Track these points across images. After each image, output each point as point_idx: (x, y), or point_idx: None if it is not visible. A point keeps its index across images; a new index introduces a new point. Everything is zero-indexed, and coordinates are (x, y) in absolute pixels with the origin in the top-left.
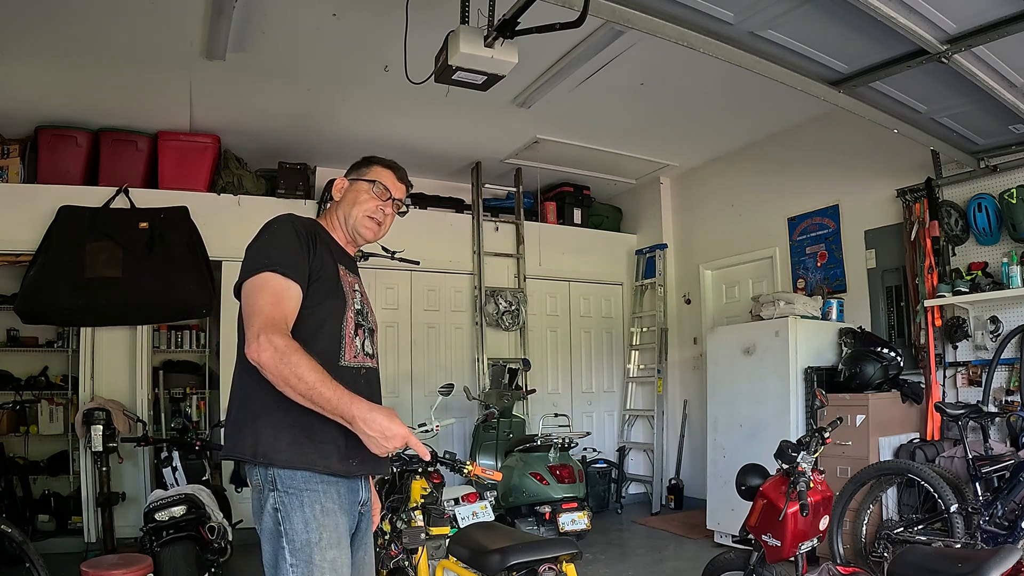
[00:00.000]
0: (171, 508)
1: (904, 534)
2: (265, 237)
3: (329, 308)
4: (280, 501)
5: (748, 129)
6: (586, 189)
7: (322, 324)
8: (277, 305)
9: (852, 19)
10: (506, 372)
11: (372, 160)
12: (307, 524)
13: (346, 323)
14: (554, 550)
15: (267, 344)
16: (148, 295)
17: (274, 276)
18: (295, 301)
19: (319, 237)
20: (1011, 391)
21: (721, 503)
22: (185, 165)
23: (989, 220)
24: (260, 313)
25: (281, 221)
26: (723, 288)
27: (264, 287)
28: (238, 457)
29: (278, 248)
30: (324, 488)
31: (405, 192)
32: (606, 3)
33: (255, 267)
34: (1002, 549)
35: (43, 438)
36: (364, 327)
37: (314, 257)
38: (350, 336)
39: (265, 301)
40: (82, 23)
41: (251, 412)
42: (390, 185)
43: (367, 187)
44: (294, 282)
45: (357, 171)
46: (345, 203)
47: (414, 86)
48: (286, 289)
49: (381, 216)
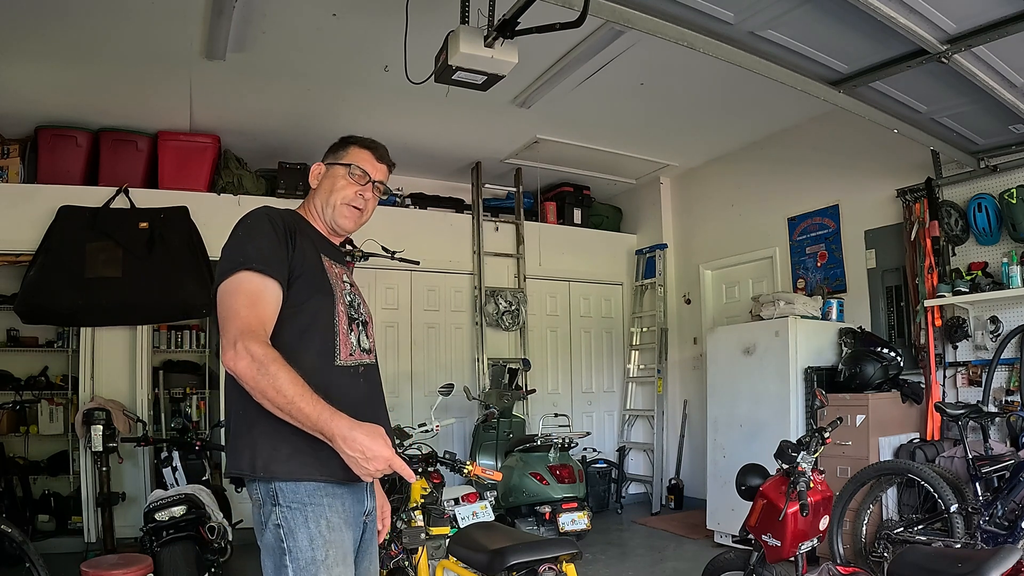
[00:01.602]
0: (171, 508)
1: (904, 534)
2: (239, 234)
3: (318, 304)
4: (283, 517)
5: (748, 129)
6: (586, 189)
7: (312, 322)
8: (253, 308)
9: (852, 19)
10: (506, 372)
11: (349, 141)
12: (312, 541)
13: (338, 318)
14: (554, 550)
15: (244, 352)
16: (148, 295)
17: (249, 275)
18: (274, 301)
19: (299, 228)
20: (1011, 391)
21: (721, 503)
22: (185, 165)
23: (989, 220)
24: (235, 318)
25: (256, 215)
26: (723, 288)
27: (239, 288)
28: (237, 474)
29: (253, 244)
30: (329, 502)
31: (387, 173)
32: (606, 3)
33: (230, 267)
34: (1002, 549)
35: (43, 438)
36: (357, 320)
37: (295, 250)
38: (344, 332)
39: (240, 304)
40: (82, 23)
41: (247, 422)
42: (369, 167)
43: (343, 172)
44: (273, 280)
45: (333, 154)
46: (322, 191)
47: (414, 86)
48: (263, 289)
49: (361, 202)
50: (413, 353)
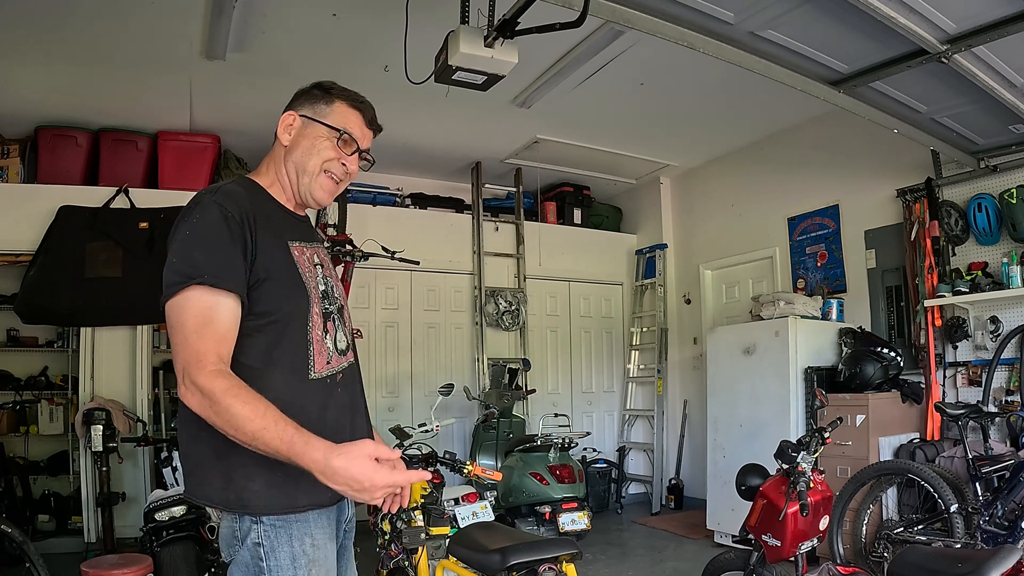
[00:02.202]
0: (171, 508)
1: (904, 534)
2: (186, 234)
3: (288, 311)
4: (264, 535)
5: (748, 129)
6: (586, 189)
7: (281, 336)
8: (202, 332)
9: (852, 19)
10: (506, 372)
11: (333, 92)
12: (295, 560)
13: (312, 325)
14: (554, 550)
15: (193, 389)
16: (148, 295)
17: (198, 292)
18: (229, 319)
19: (258, 211)
20: (1011, 391)
21: (721, 503)
22: (185, 165)
23: (989, 220)
24: (184, 347)
25: (204, 207)
26: (723, 288)
27: (186, 309)
28: (205, 502)
29: (202, 247)
30: (315, 517)
31: (372, 139)
32: (606, 3)
33: (176, 280)
34: (1002, 549)
35: (43, 438)
36: (332, 314)
37: (255, 248)
38: (318, 339)
39: (189, 328)
40: (82, 23)
41: (214, 449)
42: (358, 134)
43: (326, 134)
44: (227, 293)
45: (312, 106)
46: (298, 151)
47: (414, 86)
48: (214, 307)
49: (343, 173)
50: (413, 353)
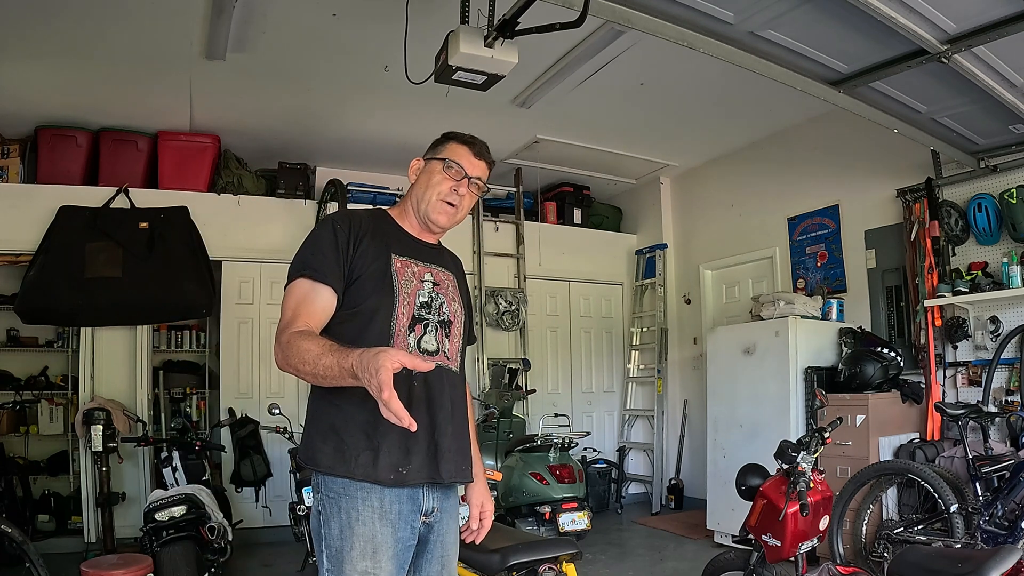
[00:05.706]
0: (171, 508)
1: (904, 534)
2: (306, 241)
3: (373, 306)
4: (322, 505)
5: (748, 129)
6: (586, 189)
7: (368, 324)
8: (298, 308)
9: (852, 19)
10: (506, 372)
11: (449, 136)
12: (341, 532)
13: (396, 319)
14: (554, 550)
15: (276, 347)
16: (148, 295)
17: (302, 281)
18: (324, 301)
19: (373, 230)
20: (1011, 391)
21: (721, 503)
22: (185, 165)
23: (989, 220)
24: (281, 320)
25: (324, 221)
26: (723, 288)
27: (292, 293)
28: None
29: (312, 251)
30: (364, 495)
31: (486, 170)
32: (606, 3)
33: (290, 274)
34: (1002, 549)
35: (43, 438)
36: (429, 321)
37: (356, 254)
38: (401, 332)
39: (288, 307)
40: (82, 23)
41: (308, 419)
42: (465, 163)
43: (440, 166)
44: (324, 284)
45: (433, 150)
46: (418, 186)
47: (414, 86)
48: (311, 291)
49: (456, 199)
50: None
